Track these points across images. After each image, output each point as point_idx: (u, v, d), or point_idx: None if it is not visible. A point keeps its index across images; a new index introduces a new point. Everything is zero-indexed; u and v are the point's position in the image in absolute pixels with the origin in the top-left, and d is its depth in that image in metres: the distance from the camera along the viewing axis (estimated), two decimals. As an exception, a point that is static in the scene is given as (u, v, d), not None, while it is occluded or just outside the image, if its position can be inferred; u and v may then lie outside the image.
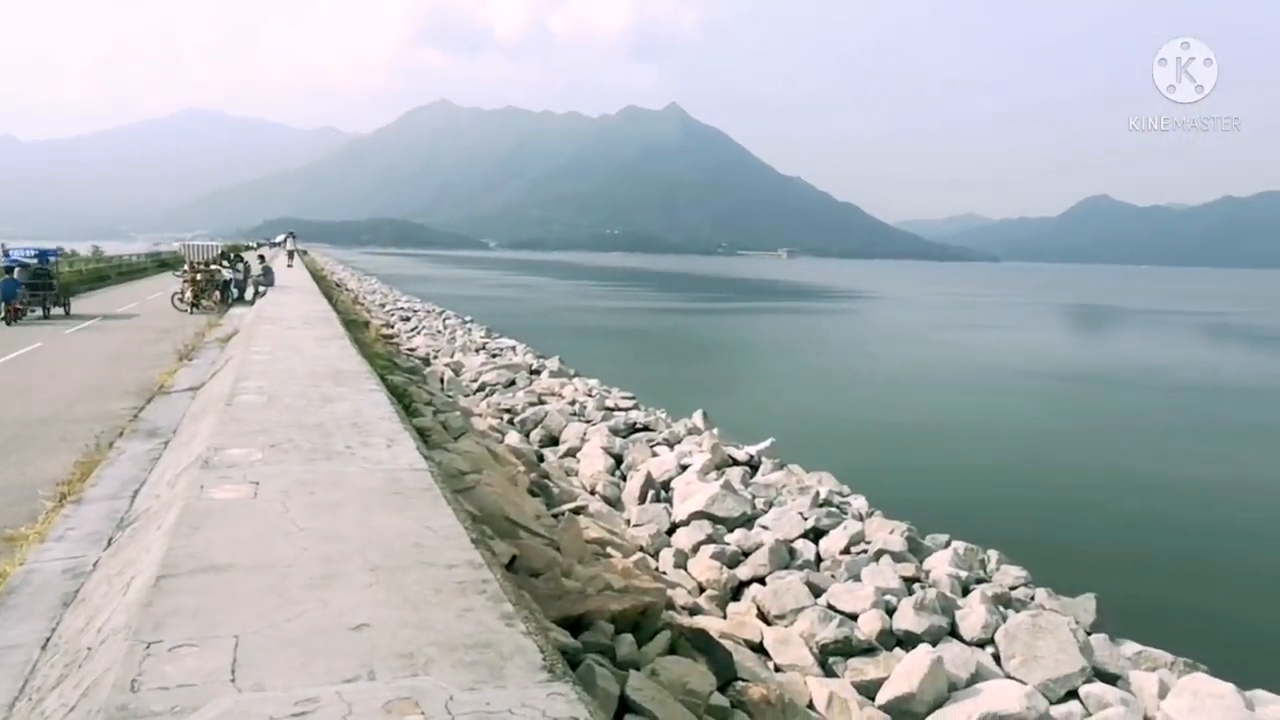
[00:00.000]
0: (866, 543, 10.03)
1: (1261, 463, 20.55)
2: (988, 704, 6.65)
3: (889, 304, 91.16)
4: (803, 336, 53.00)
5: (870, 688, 7.15)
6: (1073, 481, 18.26)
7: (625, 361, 34.97)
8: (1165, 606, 11.18)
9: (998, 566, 10.38)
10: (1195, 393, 31.57)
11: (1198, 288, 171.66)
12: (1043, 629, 7.71)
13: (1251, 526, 15.37)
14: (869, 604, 8.22)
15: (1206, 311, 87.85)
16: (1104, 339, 61.62)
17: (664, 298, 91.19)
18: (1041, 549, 12.57)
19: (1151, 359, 43.49)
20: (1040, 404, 28.48)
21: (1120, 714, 6.63)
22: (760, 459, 14.19)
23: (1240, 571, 13.04)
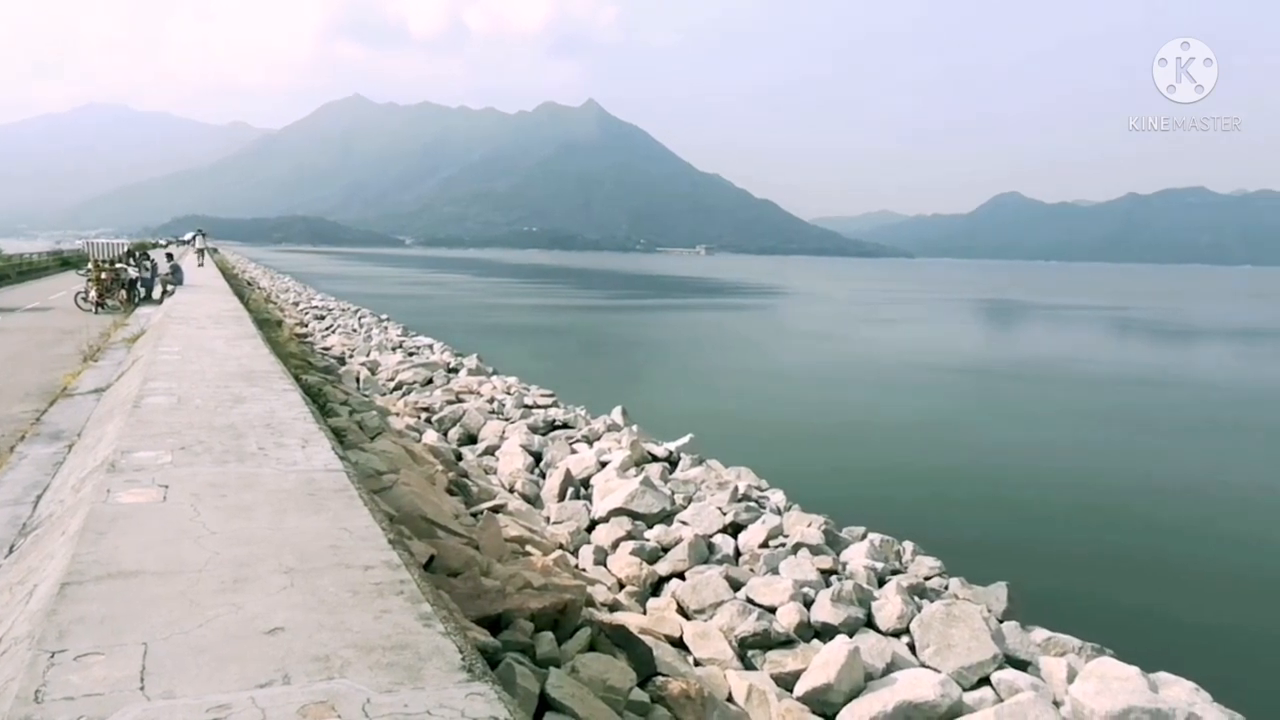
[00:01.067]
0: (785, 536, 10.25)
1: (1163, 453, 21.61)
2: (903, 693, 6.86)
3: (805, 300, 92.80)
4: (721, 333, 53.62)
5: (789, 679, 7.31)
6: (984, 473, 18.94)
7: (544, 359, 34.91)
8: (1073, 593, 11.68)
9: (913, 558, 10.71)
10: (1099, 386, 32.98)
11: (1102, 282, 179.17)
12: (956, 618, 7.97)
13: (1153, 514, 16.15)
14: (787, 597, 8.40)
15: (1110, 306, 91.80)
16: (1013, 334, 63.86)
17: (583, 295, 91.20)
18: (955, 540, 13.02)
19: (1058, 353, 45.25)
20: (952, 398, 29.41)
21: (1030, 699, 6.87)
22: (679, 455, 14.35)
23: (1142, 558, 13.71)
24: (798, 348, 44.17)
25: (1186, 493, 17.83)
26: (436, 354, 27.57)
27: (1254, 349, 53.38)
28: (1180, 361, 45.46)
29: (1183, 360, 46.25)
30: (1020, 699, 6.88)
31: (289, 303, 47.51)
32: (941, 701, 6.80)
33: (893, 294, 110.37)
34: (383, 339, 31.55)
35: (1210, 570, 13.25)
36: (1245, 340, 58.44)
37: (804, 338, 50.04)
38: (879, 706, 6.73)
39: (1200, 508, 16.74)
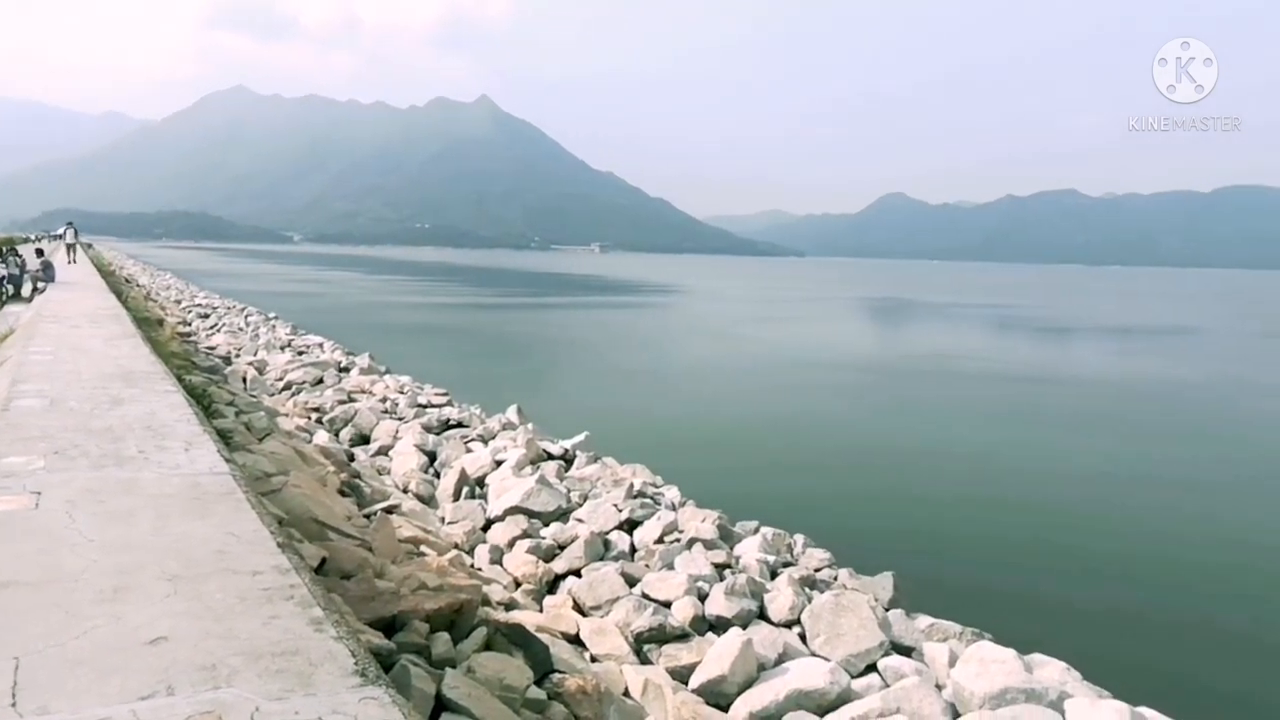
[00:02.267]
0: (679, 532, 10.43)
1: (1035, 443, 22.73)
2: (794, 681, 7.05)
3: (700, 298, 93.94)
4: (617, 330, 53.90)
5: (684, 672, 7.45)
6: (871, 467, 19.60)
7: (438, 357, 34.43)
8: (955, 581, 12.19)
9: (804, 550, 11.03)
10: (977, 381, 34.46)
11: (983, 281, 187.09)
12: (845, 608, 8.25)
13: (1028, 503, 16.99)
14: (682, 591, 8.55)
15: (992, 304, 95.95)
16: (898, 331, 66.14)
17: (477, 293, 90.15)
18: (844, 532, 13.44)
19: (941, 349, 47.08)
20: (840, 394, 30.31)
21: (914, 684, 7.13)
22: (575, 453, 14.41)
23: (1018, 546, 14.40)
24: (692, 346, 44.76)
25: (1057, 481, 18.83)
26: (327, 353, 26.88)
27: (1121, 345, 56.69)
28: (1053, 356, 47.91)
29: (1055, 355, 48.77)
30: (905, 684, 7.15)
31: (171, 301, 45.54)
32: (831, 689, 7.03)
33: (785, 292, 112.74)
34: (271, 338, 30.58)
35: (1079, 555, 14.03)
36: (1114, 337, 61.96)
37: (698, 336, 50.71)
38: (771, 696, 6.91)
39: (1070, 495, 17.70)
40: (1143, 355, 49.89)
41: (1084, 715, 6.76)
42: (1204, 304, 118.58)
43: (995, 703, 6.91)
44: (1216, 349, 54.14)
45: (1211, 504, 17.46)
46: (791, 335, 52.48)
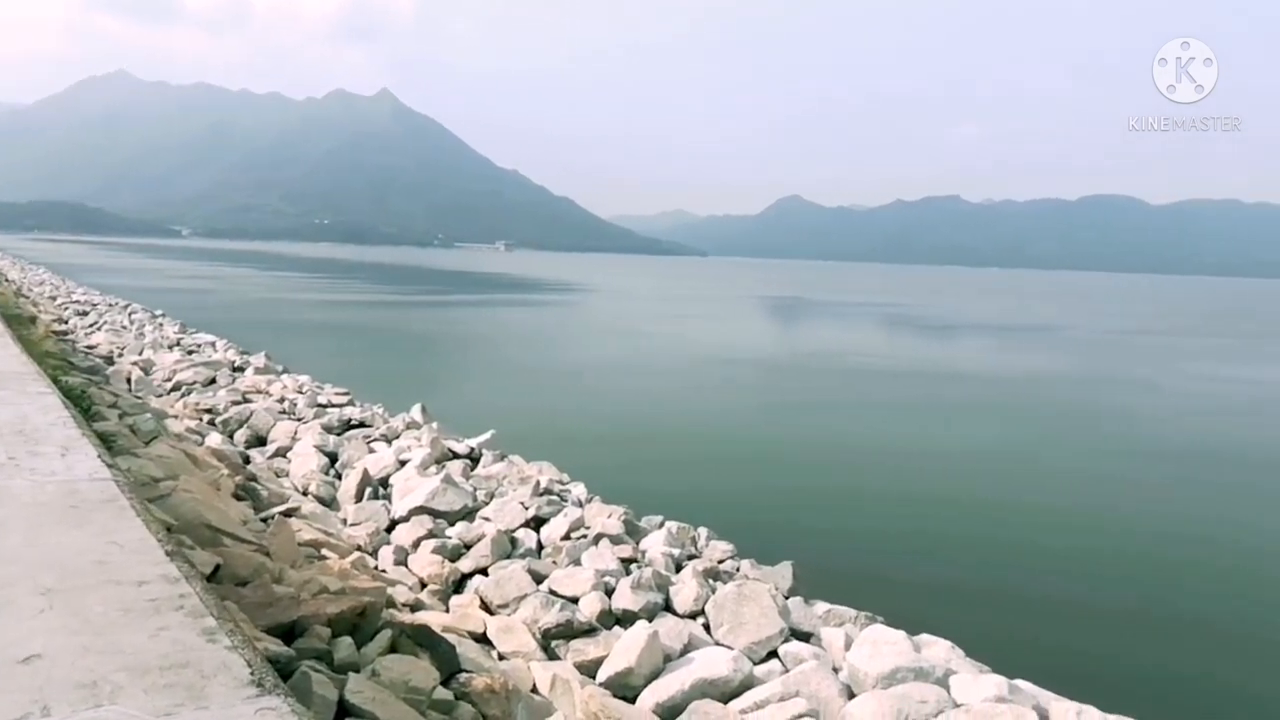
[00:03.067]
0: (586, 528, 10.35)
1: (926, 434, 23.49)
2: (699, 671, 7.10)
3: (605, 296, 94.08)
4: (522, 329, 53.47)
5: (591, 667, 7.41)
6: (771, 459, 19.93)
7: (339, 356, 33.49)
8: (850, 567, 12.45)
9: (707, 543, 11.10)
10: (871, 376, 35.46)
11: (875, 281, 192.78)
12: (747, 597, 8.34)
13: (917, 490, 17.53)
14: (589, 587, 8.50)
15: (883, 303, 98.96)
16: (797, 328, 67.60)
17: (379, 290, 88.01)
18: (746, 523, 13.58)
19: (837, 346, 48.36)
20: (742, 389, 30.76)
21: (813, 668, 7.28)
22: (481, 451, 14.18)
23: (908, 530, 14.83)
24: (598, 344, 44.73)
25: (942, 470, 19.49)
26: (220, 352, 25.76)
27: (998, 341, 59.16)
28: (938, 351, 49.68)
29: (940, 350, 50.59)
30: (804, 668, 7.29)
31: (44, 297, 42.94)
32: (734, 676, 7.10)
33: (688, 291, 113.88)
34: (157, 336, 29.10)
35: (963, 540, 14.56)
36: (992, 333, 64.66)
37: (603, 334, 50.73)
38: (677, 685, 6.94)
39: (954, 483, 18.35)
40: (1015, 350, 52.14)
41: (967, 689, 7.05)
42: (1068, 303, 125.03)
43: (887, 682, 7.11)
44: (1077, 344, 57.13)
45: (1080, 487, 18.35)
46: (694, 333, 52.97)
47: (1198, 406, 30.82)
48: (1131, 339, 63.45)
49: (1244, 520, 16.38)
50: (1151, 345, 58.69)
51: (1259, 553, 14.54)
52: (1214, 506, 17.34)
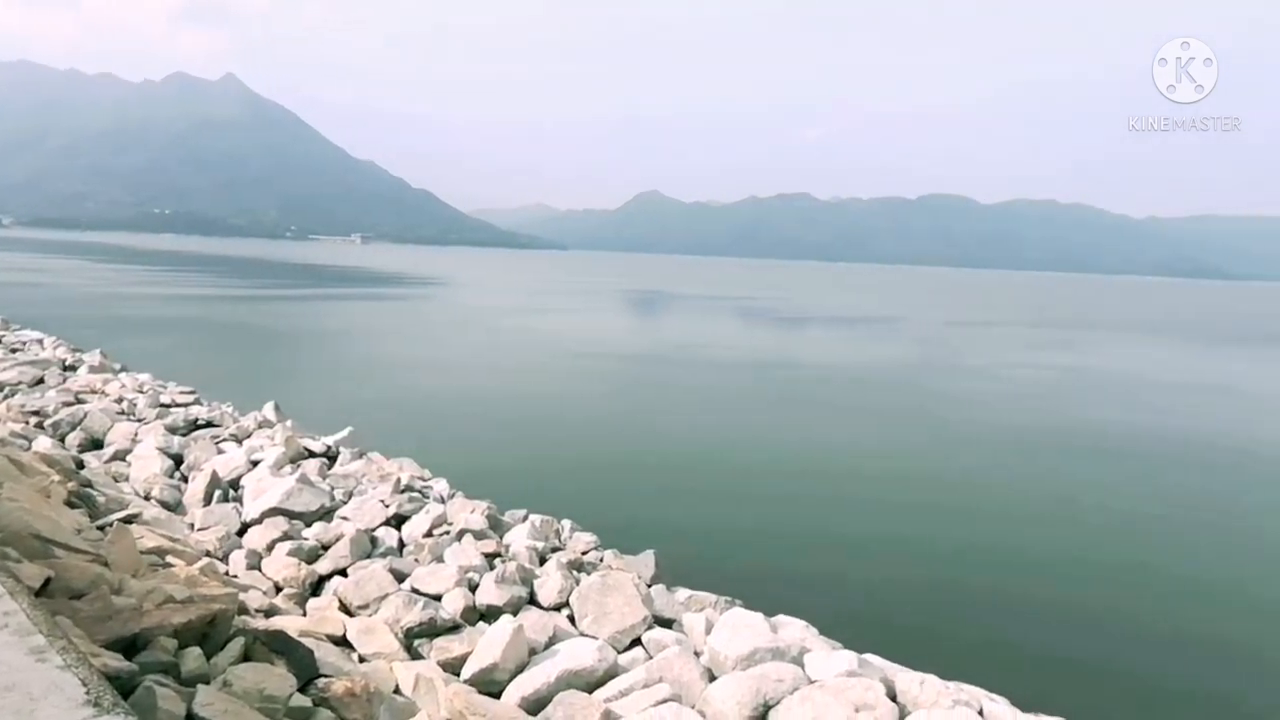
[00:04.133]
0: (449, 524, 10.17)
1: (778, 422, 24.25)
2: (564, 662, 7.11)
3: (466, 290, 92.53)
4: (381, 323, 51.89)
5: (456, 664, 7.29)
6: (632, 450, 20.13)
7: (183, 353, 31.62)
8: (710, 554, 12.75)
9: (571, 535, 11.11)
10: (729, 366, 36.31)
11: (731, 276, 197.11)
12: (610, 587, 8.40)
13: (772, 476, 18.13)
14: (453, 583, 8.36)
15: (740, 296, 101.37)
16: (656, 320, 68.43)
17: (228, 284, 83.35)
18: (609, 514, 13.67)
19: (694, 338, 49.23)
20: (602, 381, 30.92)
21: (675, 653, 7.41)
22: (339, 449, 13.68)
23: (763, 514, 15.31)
24: (458, 338, 43.95)
25: (796, 456, 20.22)
26: (48, 350, 23.79)
27: (842, 332, 61.78)
28: (788, 342, 51.43)
29: (790, 341, 52.39)
30: (666, 654, 7.41)
31: None
32: (599, 666, 7.15)
33: (549, 285, 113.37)
34: (-28, 334, 26.66)
35: (816, 522, 15.15)
36: (836, 324, 67.43)
37: (465, 327, 49.89)
38: (543, 678, 6.92)
39: (806, 468, 19.07)
40: (860, 341, 54.66)
41: (820, 665, 7.38)
42: (907, 296, 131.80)
43: (746, 663, 7.32)
44: (914, 334, 60.31)
45: (919, 470, 19.40)
46: (555, 327, 52.82)
47: (1019, 390, 33.05)
48: (961, 329, 67.42)
49: (1068, 494, 17.69)
50: (979, 335, 62.59)
51: (1080, 521, 15.74)
52: (1042, 483, 18.66)
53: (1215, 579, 13.23)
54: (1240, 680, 9.88)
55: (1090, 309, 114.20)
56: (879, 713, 6.62)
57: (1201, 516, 16.56)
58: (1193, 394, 34.77)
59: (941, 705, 6.95)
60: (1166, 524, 15.98)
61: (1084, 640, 10.70)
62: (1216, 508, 17.24)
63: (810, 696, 6.76)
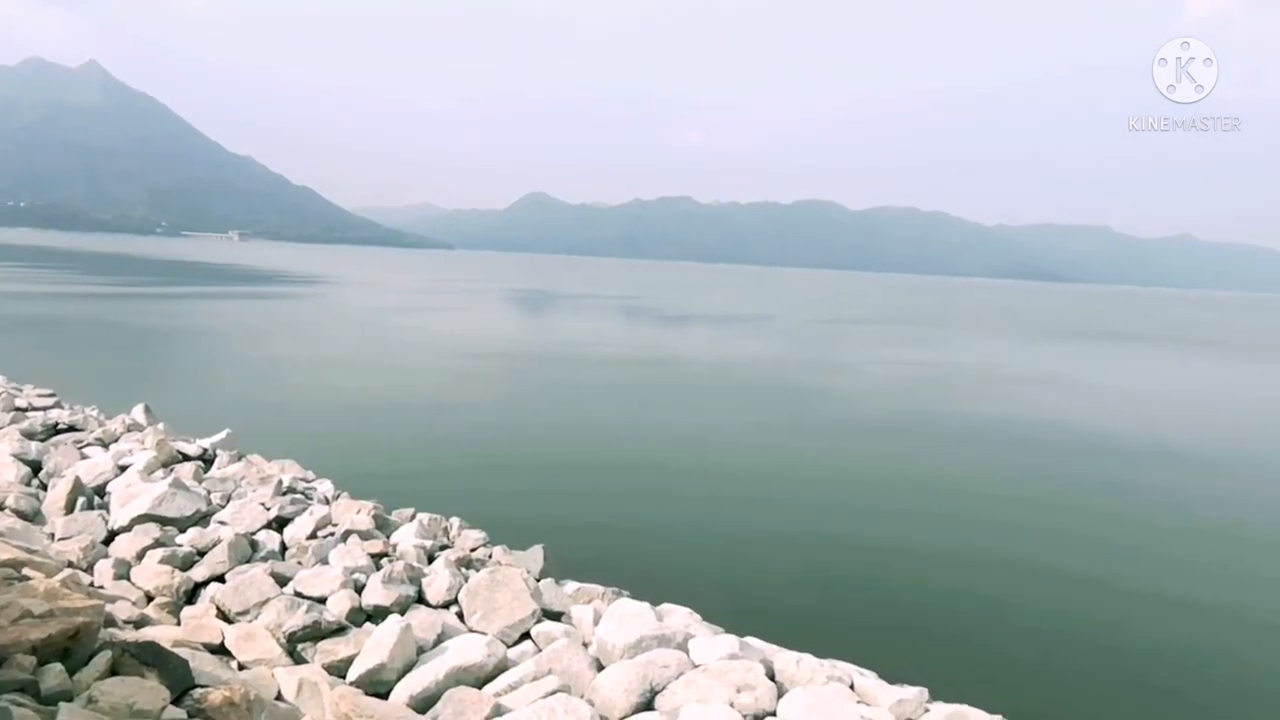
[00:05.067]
0: (334, 525, 9.80)
1: (665, 416, 24.44)
2: (453, 659, 6.96)
3: (349, 289, 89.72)
4: (259, 322, 49.69)
5: (342, 666, 7.03)
6: (518, 445, 19.94)
7: (41, 354, 29.53)
8: (598, 545, 12.76)
9: (459, 532, 10.87)
10: (614, 363, 36.42)
11: (616, 276, 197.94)
12: (499, 583, 8.27)
13: (655, 466, 18.27)
14: (338, 585, 8.05)
15: (625, 296, 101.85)
16: (543, 318, 68.01)
17: (92, 281, 77.99)
18: (497, 510, 13.51)
19: (583, 336, 49.17)
20: (490, 378, 30.52)
21: (564, 645, 7.38)
22: (216, 452, 13.00)
23: (647, 505, 15.42)
24: (342, 337, 42.54)
25: (677, 448, 20.45)
26: (-114, 353, 21.77)
27: (722, 330, 62.89)
28: (671, 339, 51.95)
29: (673, 338, 52.93)
30: (555, 646, 7.37)
31: None
32: (488, 661, 7.04)
33: (436, 284, 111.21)
34: None
35: (696, 509, 15.36)
36: (716, 323, 68.60)
37: (348, 326, 48.36)
38: (431, 676, 6.76)
39: (686, 459, 19.32)
40: (737, 337, 55.75)
41: (703, 650, 7.50)
42: (782, 296, 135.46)
43: (633, 651, 7.35)
44: (786, 331, 62.10)
45: (793, 458, 19.94)
46: (443, 325, 51.83)
47: (883, 384, 34.39)
48: (831, 327, 69.71)
49: (928, 479, 18.49)
50: (846, 332, 64.87)
51: (937, 504, 16.46)
52: (904, 470, 19.43)
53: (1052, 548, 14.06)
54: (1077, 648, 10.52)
55: (946, 309, 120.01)
56: (759, 692, 6.74)
57: (1041, 492, 17.61)
58: (1034, 385, 36.93)
59: (816, 681, 7.14)
60: (1012, 503, 16.90)
61: (941, 614, 11.21)
62: (1052, 485, 18.35)
63: (694, 680, 6.84)
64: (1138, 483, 19.23)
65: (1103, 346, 64.17)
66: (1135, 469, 20.67)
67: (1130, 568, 13.45)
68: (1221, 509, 17.29)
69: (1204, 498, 18.19)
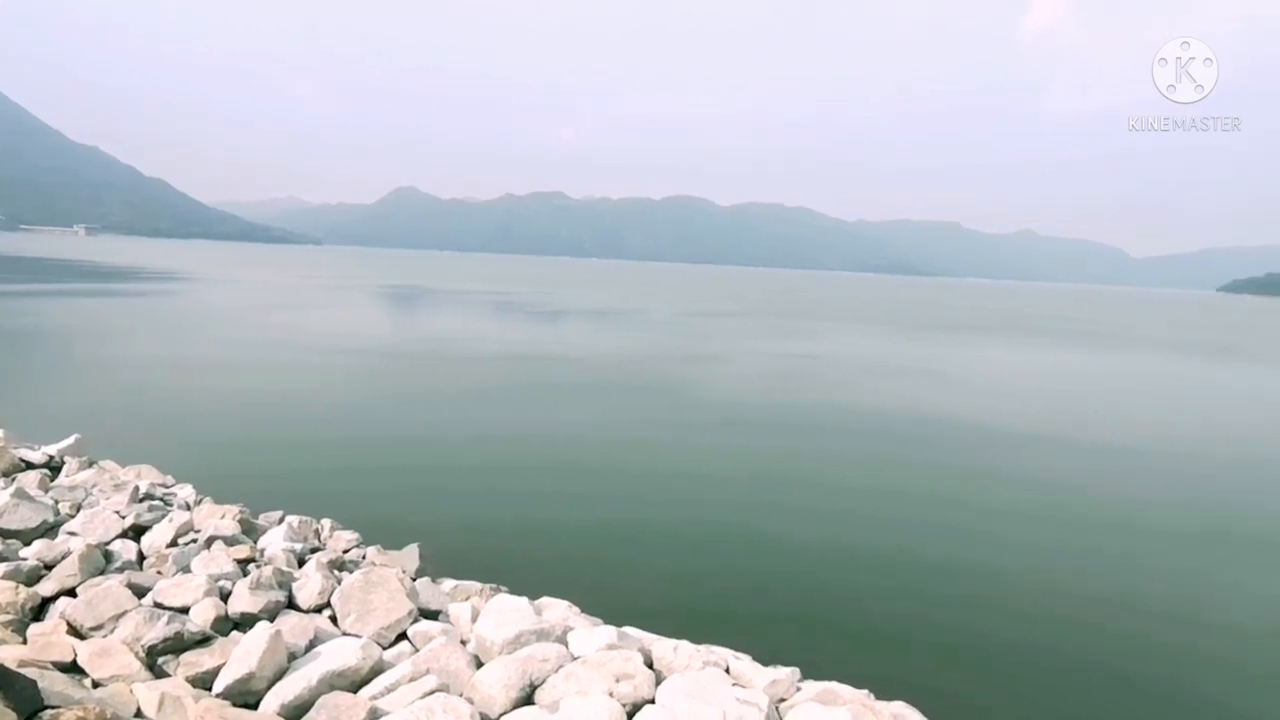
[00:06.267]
0: (196, 532, 9.33)
1: (539, 412, 24.30)
2: (327, 664, 6.76)
3: (211, 286, 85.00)
4: (113, 321, 46.40)
5: (208, 678, 6.71)
6: (393, 444, 19.39)
7: None
8: (475, 542, 12.61)
9: (331, 533, 10.55)
10: (490, 360, 35.95)
11: (489, 271, 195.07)
12: (374, 584, 8.08)
13: (531, 463, 18.16)
14: (201, 594, 7.67)
15: (499, 292, 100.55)
16: (415, 315, 66.32)
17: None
18: (371, 509, 13.17)
19: (456, 332, 48.28)
20: (359, 376, 29.56)
21: (442, 643, 7.28)
22: (64, 459, 12.14)
23: (522, 500, 15.31)
24: (203, 336, 40.25)
25: (551, 442, 20.40)
26: None
27: (600, 324, 63.07)
28: (551, 334, 51.71)
29: (553, 333, 52.70)
30: (433, 645, 7.27)
31: None
32: (363, 664, 6.87)
33: (302, 280, 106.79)
34: None
35: (571, 503, 15.36)
36: (590, 317, 68.74)
37: (210, 325, 45.79)
38: (303, 683, 6.55)
39: (560, 453, 19.30)
40: (608, 331, 55.96)
41: (582, 642, 7.59)
42: (654, 290, 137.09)
43: (512, 647, 7.34)
44: (659, 325, 62.92)
45: (664, 448, 20.23)
46: (311, 322, 49.86)
47: (752, 373, 35.33)
48: (702, 320, 71.01)
49: (796, 467, 19.11)
50: (717, 325, 66.22)
51: (805, 492, 17.06)
52: (774, 458, 20.03)
53: (910, 531, 14.82)
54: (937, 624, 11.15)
55: (812, 301, 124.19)
56: (637, 681, 6.85)
57: (903, 477, 18.52)
58: (892, 375, 38.75)
59: (694, 667, 7.32)
60: (874, 488, 17.68)
61: (811, 597, 11.64)
62: (914, 469, 19.34)
63: (574, 672, 6.88)
64: (988, 466, 20.48)
65: (953, 336, 67.92)
66: (984, 453, 21.99)
67: (980, 546, 14.32)
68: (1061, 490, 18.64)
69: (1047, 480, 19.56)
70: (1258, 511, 17.38)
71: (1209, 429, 27.88)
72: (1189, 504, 17.69)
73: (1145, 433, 26.10)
